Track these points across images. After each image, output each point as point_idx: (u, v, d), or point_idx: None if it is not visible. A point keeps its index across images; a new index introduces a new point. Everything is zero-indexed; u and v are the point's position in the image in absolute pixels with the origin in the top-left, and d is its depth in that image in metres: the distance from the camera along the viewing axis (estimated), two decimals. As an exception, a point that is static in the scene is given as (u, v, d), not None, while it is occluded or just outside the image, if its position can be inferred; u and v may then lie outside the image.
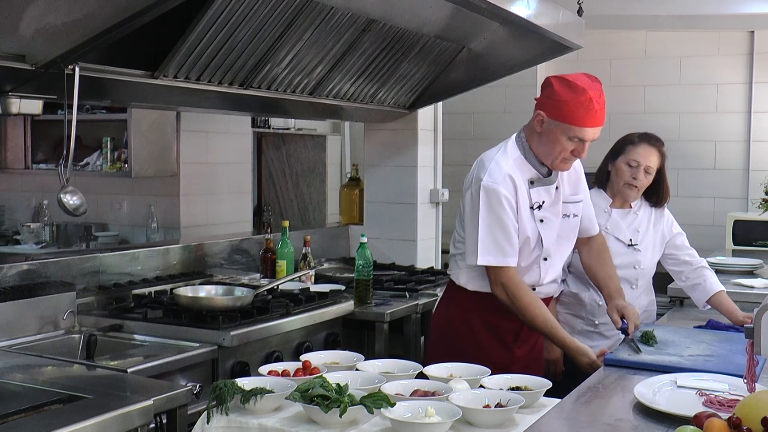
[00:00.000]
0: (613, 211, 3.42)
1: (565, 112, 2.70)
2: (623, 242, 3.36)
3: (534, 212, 2.82)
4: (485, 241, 2.75)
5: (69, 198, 2.74)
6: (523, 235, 2.81)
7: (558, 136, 2.74)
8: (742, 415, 1.72)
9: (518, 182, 2.79)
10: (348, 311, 3.62)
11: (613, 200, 3.43)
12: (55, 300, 3.11)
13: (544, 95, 2.79)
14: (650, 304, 3.49)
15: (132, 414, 2.14)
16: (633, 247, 3.37)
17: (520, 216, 2.79)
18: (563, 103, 2.71)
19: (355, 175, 5.25)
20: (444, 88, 4.53)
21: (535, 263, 2.88)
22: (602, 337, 3.33)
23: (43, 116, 3.66)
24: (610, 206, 3.42)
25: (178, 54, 2.93)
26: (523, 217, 2.80)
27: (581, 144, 2.75)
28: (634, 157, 3.33)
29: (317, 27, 3.35)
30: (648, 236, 3.42)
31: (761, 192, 5.61)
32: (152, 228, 5.29)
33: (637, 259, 3.37)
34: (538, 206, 2.82)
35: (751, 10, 5.62)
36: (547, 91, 2.78)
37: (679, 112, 6.23)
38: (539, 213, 2.83)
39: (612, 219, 3.40)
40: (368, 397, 2.07)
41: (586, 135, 2.72)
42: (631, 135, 3.43)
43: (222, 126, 5.46)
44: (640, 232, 3.40)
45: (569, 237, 2.97)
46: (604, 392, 2.34)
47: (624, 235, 3.38)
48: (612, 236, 3.35)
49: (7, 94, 2.65)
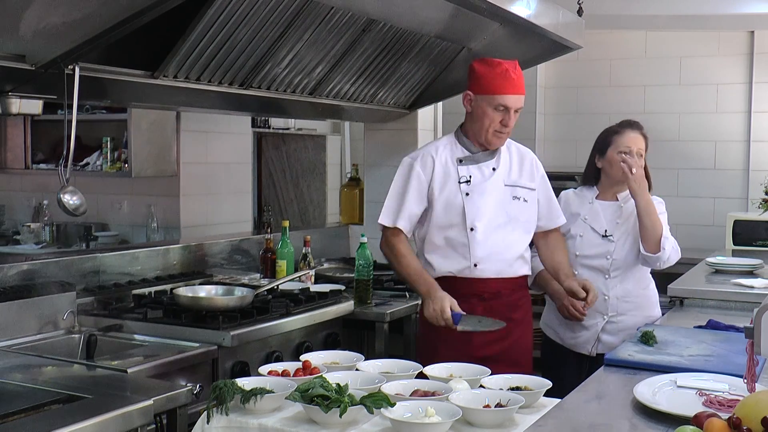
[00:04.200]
0: (596, 202, 3.47)
1: (486, 84, 3.07)
2: (598, 233, 3.41)
3: (461, 185, 3.12)
4: (387, 204, 3.18)
5: (69, 198, 2.74)
6: (448, 204, 3.11)
7: (485, 109, 3.08)
8: (742, 415, 1.72)
9: (440, 159, 3.15)
10: (348, 311, 3.62)
11: (600, 192, 3.49)
12: (55, 300, 3.11)
13: (469, 78, 3.14)
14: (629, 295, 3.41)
15: (132, 414, 2.14)
16: (607, 237, 3.41)
17: (444, 187, 3.12)
18: (483, 77, 3.08)
19: (355, 175, 5.25)
20: (444, 88, 4.53)
21: (461, 234, 3.10)
22: (583, 328, 3.39)
23: (43, 116, 3.66)
24: (595, 197, 3.49)
25: (178, 54, 2.93)
26: (449, 189, 3.12)
27: (507, 113, 3.07)
28: (626, 143, 3.39)
29: (317, 27, 3.35)
30: (628, 226, 3.42)
31: (761, 192, 5.61)
32: (152, 228, 5.28)
33: (608, 250, 3.39)
34: (466, 180, 3.12)
35: (751, 10, 5.62)
36: (470, 74, 3.14)
37: (679, 112, 6.23)
38: (466, 187, 3.12)
39: (593, 209, 3.46)
40: (368, 397, 2.08)
41: (508, 102, 3.06)
42: (609, 127, 3.50)
43: (222, 126, 5.46)
44: (620, 223, 3.42)
45: (519, 219, 3.17)
46: (604, 392, 2.34)
47: (600, 225, 3.43)
48: (588, 226, 3.42)
49: (7, 94, 2.65)
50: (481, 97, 3.08)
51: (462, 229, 3.10)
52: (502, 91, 3.05)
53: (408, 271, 3.12)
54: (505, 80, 3.06)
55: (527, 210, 3.20)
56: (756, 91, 6.03)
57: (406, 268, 3.12)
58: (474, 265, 3.09)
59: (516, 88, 3.07)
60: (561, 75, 6.38)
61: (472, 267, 3.10)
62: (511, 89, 3.06)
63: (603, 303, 3.34)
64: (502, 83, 3.06)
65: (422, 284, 3.08)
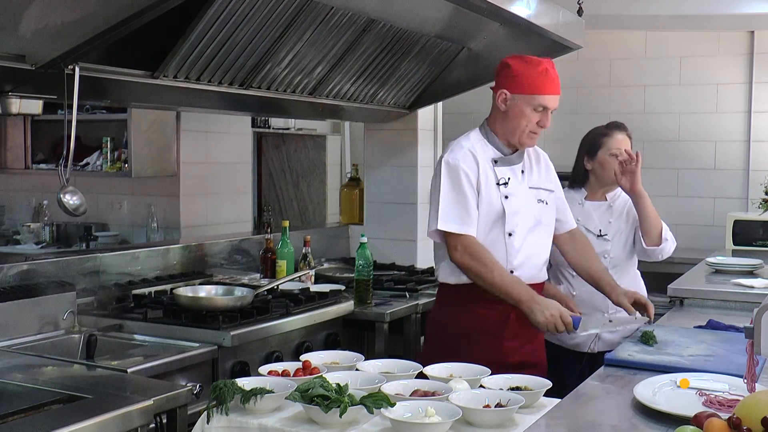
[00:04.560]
0: (586, 203, 3.49)
1: (527, 84, 2.91)
2: (593, 233, 3.42)
3: (500, 188, 2.96)
4: (446, 210, 2.91)
5: (69, 198, 2.74)
6: (489, 208, 2.93)
7: (523, 109, 2.92)
8: (742, 415, 1.72)
9: (480, 159, 2.95)
10: (348, 311, 3.62)
11: (588, 193, 3.51)
12: (55, 300, 3.10)
13: (503, 75, 2.97)
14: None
15: (132, 414, 2.14)
16: (602, 237, 3.43)
17: (485, 190, 2.93)
18: (522, 76, 2.92)
19: (355, 175, 5.25)
20: (444, 88, 4.53)
21: (498, 239, 2.94)
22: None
23: (43, 116, 3.66)
24: (584, 198, 3.50)
25: (178, 54, 2.93)
26: (490, 191, 2.94)
27: (545, 113, 2.94)
28: (616, 146, 3.41)
29: (317, 27, 3.35)
30: (620, 224, 3.46)
31: (761, 192, 5.62)
32: (152, 228, 5.29)
33: (605, 249, 3.41)
34: (504, 183, 2.96)
35: (751, 10, 5.63)
36: (505, 72, 2.97)
37: (679, 112, 6.23)
38: (505, 189, 2.96)
39: (584, 210, 3.47)
40: (368, 397, 2.08)
41: (549, 102, 2.92)
42: (597, 129, 3.52)
43: (222, 126, 5.46)
44: (612, 222, 3.44)
45: (543, 223, 3.05)
46: (604, 392, 2.34)
47: (594, 225, 3.44)
48: (583, 227, 3.40)
49: (7, 94, 2.65)
50: (520, 97, 2.92)
51: (500, 233, 2.94)
52: (542, 91, 2.92)
53: (503, 280, 2.86)
54: (546, 79, 2.93)
55: (549, 213, 3.09)
56: (756, 91, 6.03)
57: (501, 277, 2.86)
58: (510, 272, 2.94)
59: (555, 88, 2.95)
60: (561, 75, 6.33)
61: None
62: (551, 89, 2.93)
63: (602, 300, 3.35)
64: (543, 82, 2.92)
65: (524, 291, 2.85)
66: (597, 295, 3.31)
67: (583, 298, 3.32)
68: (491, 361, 2.59)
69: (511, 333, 2.92)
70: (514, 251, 2.94)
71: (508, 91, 2.94)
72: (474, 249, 2.88)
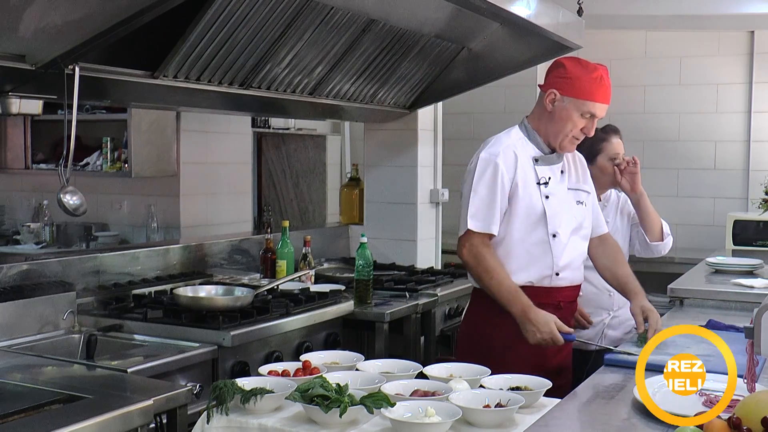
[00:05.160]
0: None
1: (579, 88, 2.84)
2: None
3: (540, 187, 2.89)
4: (475, 207, 2.85)
5: (69, 198, 2.74)
6: (529, 208, 2.87)
7: (571, 113, 2.86)
8: (742, 415, 1.72)
9: (521, 157, 2.88)
10: (348, 311, 3.62)
11: None
12: (55, 300, 3.10)
13: (555, 75, 2.90)
14: None
15: (132, 414, 2.14)
16: None
17: (524, 189, 2.86)
18: (577, 80, 2.84)
19: (355, 175, 5.25)
20: (444, 88, 4.53)
21: (544, 240, 2.88)
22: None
23: (43, 116, 3.66)
24: None
25: (178, 54, 2.93)
26: (529, 191, 2.87)
27: (591, 120, 2.88)
28: (616, 150, 3.45)
29: (317, 27, 3.35)
30: (616, 223, 3.51)
31: (761, 192, 5.62)
32: (152, 228, 5.29)
33: None
34: (545, 182, 2.89)
35: (751, 10, 5.63)
36: (558, 71, 2.90)
37: (679, 112, 6.23)
38: (545, 189, 2.89)
39: None
40: (368, 397, 2.08)
41: (598, 110, 2.86)
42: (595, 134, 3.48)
43: (222, 126, 5.46)
44: (609, 222, 3.45)
45: (583, 225, 3.00)
46: (604, 392, 2.34)
47: None
48: None
49: (7, 94, 2.65)
50: (570, 100, 2.85)
51: (544, 235, 2.87)
52: (594, 97, 2.84)
53: (500, 289, 2.80)
54: (600, 87, 2.85)
55: (588, 214, 3.03)
56: (756, 91, 6.03)
57: (499, 285, 2.81)
58: (556, 274, 2.89)
59: (607, 97, 2.88)
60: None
61: (553, 276, 2.89)
62: (602, 98, 2.86)
63: (608, 299, 3.37)
64: (596, 89, 2.84)
65: (518, 306, 2.78)
66: (602, 295, 3.31)
67: (589, 298, 3.30)
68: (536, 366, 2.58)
69: None
70: (559, 253, 2.89)
71: (558, 92, 2.86)
72: (480, 250, 2.83)
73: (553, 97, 2.87)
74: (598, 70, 2.86)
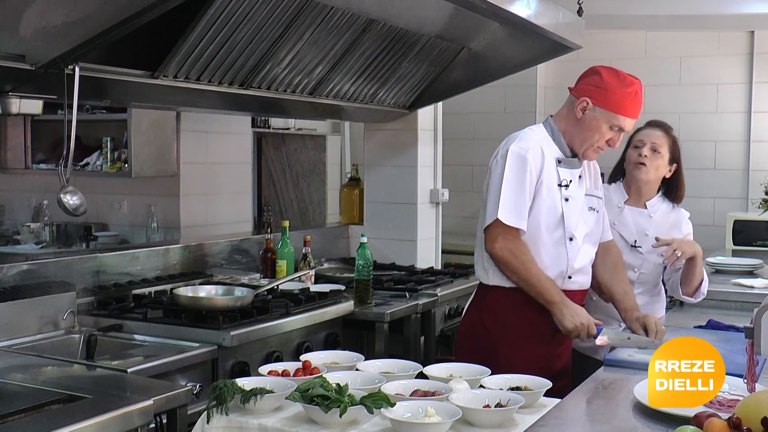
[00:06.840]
0: (626, 207, 3.34)
1: (613, 101, 2.81)
2: (627, 241, 3.28)
3: (561, 189, 2.86)
4: (506, 200, 2.78)
5: (69, 198, 2.74)
6: (550, 209, 2.84)
7: (600, 124, 2.83)
8: (742, 415, 1.72)
9: (547, 155, 2.86)
10: (348, 311, 3.62)
11: (629, 197, 3.36)
12: (55, 300, 3.10)
13: (589, 83, 2.87)
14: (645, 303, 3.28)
15: (132, 414, 2.14)
16: (636, 248, 3.28)
17: (547, 189, 2.84)
18: (611, 92, 2.81)
19: (355, 175, 5.25)
20: (444, 88, 4.53)
21: (560, 243, 2.86)
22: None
23: (43, 116, 3.66)
24: (624, 202, 3.35)
25: (178, 54, 2.93)
26: (552, 191, 2.85)
27: (618, 134, 2.86)
28: (639, 138, 3.29)
29: (317, 27, 3.35)
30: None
31: (761, 192, 5.62)
32: (152, 228, 5.29)
33: (637, 262, 3.28)
34: (566, 185, 2.87)
35: (751, 10, 5.63)
36: (592, 79, 2.87)
37: (679, 112, 6.23)
38: (566, 191, 2.87)
39: (622, 215, 3.32)
40: (368, 397, 2.08)
41: (627, 125, 2.86)
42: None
43: (222, 126, 5.46)
44: (649, 235, 3.29)
45: (594, 231, 2.98)
46: (604, 392, 2.34)
47: (629, 234, 3.29)
48: (617, 232, 3.26)
49: (7, 94, 2.65)
50: (601, 111, 2.83)
51: (562, 237, 2.85)
52: (626, 112, 2.83)
53: (539, 279, 2.77)
54: (633, 102, 2.83)
55: (599, 221, 3.01)
56: (756, 91, 6.03)
57: (537, 276, 2.77)
58: (568, 277, 2.88)
59: (637, 113, 2.87)
60: (561, 75, 6.37)
61: (565, 279, 2.87)
62: (634, 113, 2.85)
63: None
64: (630, 104, 2.82)
65: (556, 293, 2.77)
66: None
67: (601, 305, 3.19)
68: (541, 368, 2.57)
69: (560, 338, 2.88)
70: (573, 257, 2.88)
71: (590, 100, 2.84)
72: (515, 244, 2.79)
73: (585, 105, 2.85)
74: (634, 85, 2.83)
